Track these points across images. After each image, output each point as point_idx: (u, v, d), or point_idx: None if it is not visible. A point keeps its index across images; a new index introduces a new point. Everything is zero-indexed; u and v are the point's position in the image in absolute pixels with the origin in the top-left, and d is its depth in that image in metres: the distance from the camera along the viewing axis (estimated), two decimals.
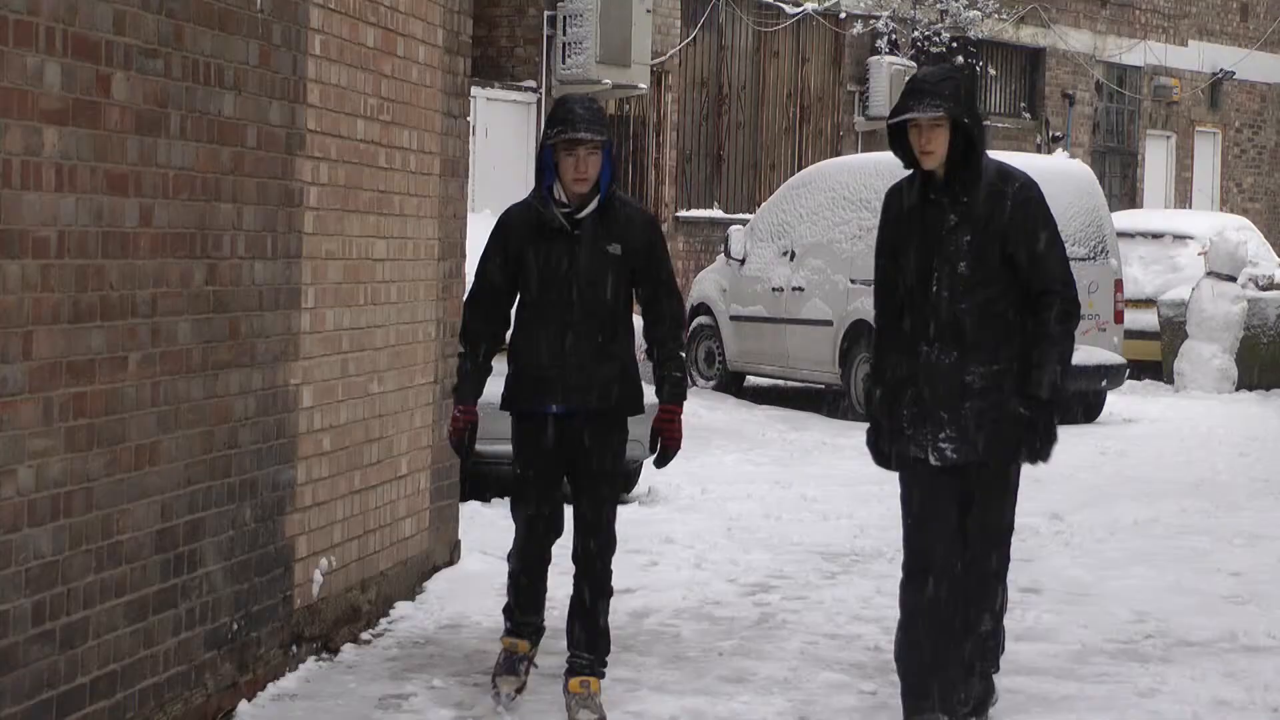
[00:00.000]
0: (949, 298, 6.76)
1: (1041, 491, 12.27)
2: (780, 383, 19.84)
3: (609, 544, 7.29)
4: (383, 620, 8.76)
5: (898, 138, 6.86)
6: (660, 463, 7.35)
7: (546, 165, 7.15)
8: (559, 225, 7.15)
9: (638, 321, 7.34)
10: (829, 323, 17.93)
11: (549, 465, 7.27)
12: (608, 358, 7.19)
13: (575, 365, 7.15)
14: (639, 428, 7.45)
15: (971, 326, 6.74)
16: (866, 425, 7.04)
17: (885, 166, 18.12)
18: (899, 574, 6.99)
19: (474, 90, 15.05)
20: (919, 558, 6.85)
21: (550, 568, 7.45)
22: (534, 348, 7.19)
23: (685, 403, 7.34)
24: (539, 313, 7.19)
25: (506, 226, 7.28)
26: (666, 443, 7.27)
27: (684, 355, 7.35)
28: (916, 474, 6.87)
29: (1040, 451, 6.82)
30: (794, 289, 18.48)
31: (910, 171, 6.90)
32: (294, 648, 7.76)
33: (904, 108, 6.74)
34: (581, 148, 7.08)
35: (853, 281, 17.71)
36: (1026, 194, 6.81)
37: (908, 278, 6.84)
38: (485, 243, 7.38)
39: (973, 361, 6.76)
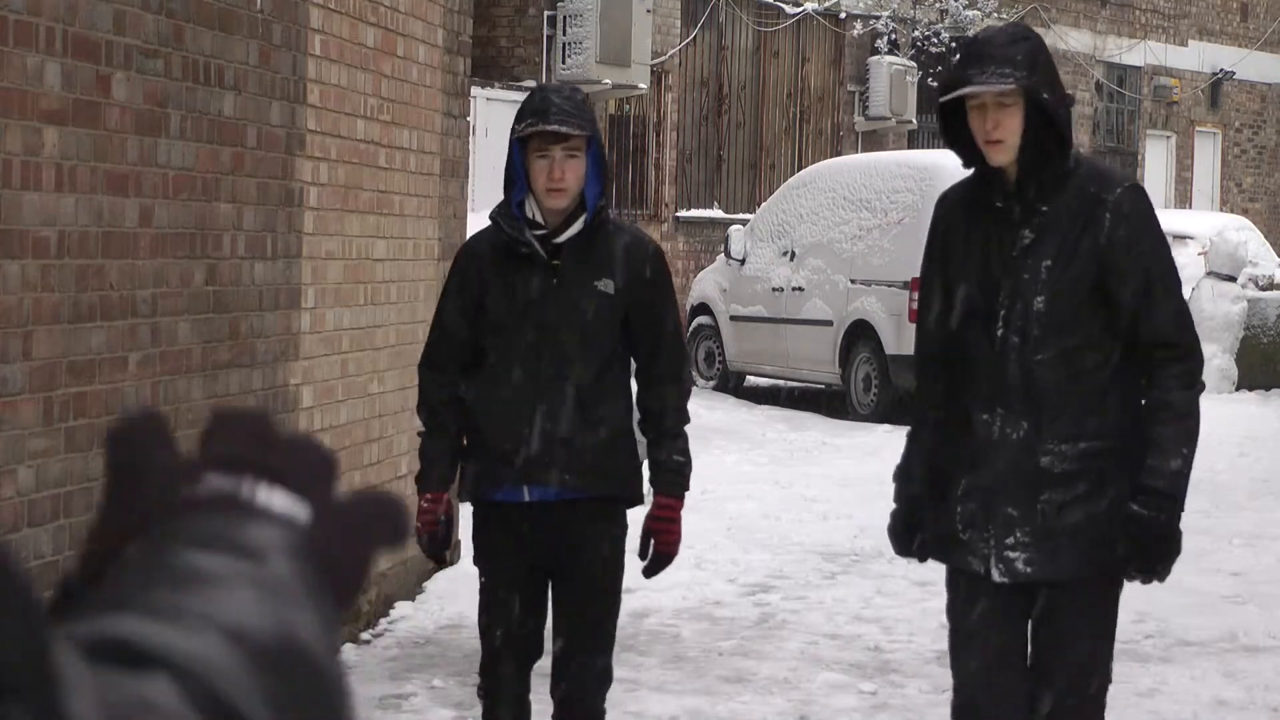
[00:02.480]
0: (1020, 345, 4.85)
1: None
2: (780, 383, 19.85)
3: (604, 679, 5.53)
4: (383, 620, 8.76)
5: (953, 127, 4.93)
6: (650, 571, 5.53)
7: (517, 173, 5.40)
8: (532, 253, 5.40)
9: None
10: (829, 323, 17.93)
11: (523, 570, 5.48)
12: (594, 426, 5.41)
13: (552, 437, 5.38)
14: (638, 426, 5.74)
15: (1051, 387, 4.84)
16: (894, 506, 5.18)
17: (885, 166, 18.17)
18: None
19: (474, 90, 15.06)
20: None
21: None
22: (498, 415, 5.44)
23: (687, 495, 5.57)
24: (506, 368, 5.44)
25: (466, 259, 5.58)
26: (660, 547, 5.47)
27: (688, 433, 5.55)
28: (971, 595, 5.02)
29: (1155, 566, 5.04)
30: (794, 289, 18.48)
31: (971, 171, 5.01)
32: None
33: (962, 78, 4.80)
34: (557, 147, 5.31)
35: (853, 281, 17.72)
36: (1133, 204, 4.88)
37: (960, 317, 4.97)
38: (445, 280, 5.75)
39: (1051, 437, 4.85)
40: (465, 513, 6.15)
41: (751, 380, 19.90)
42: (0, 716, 0.77)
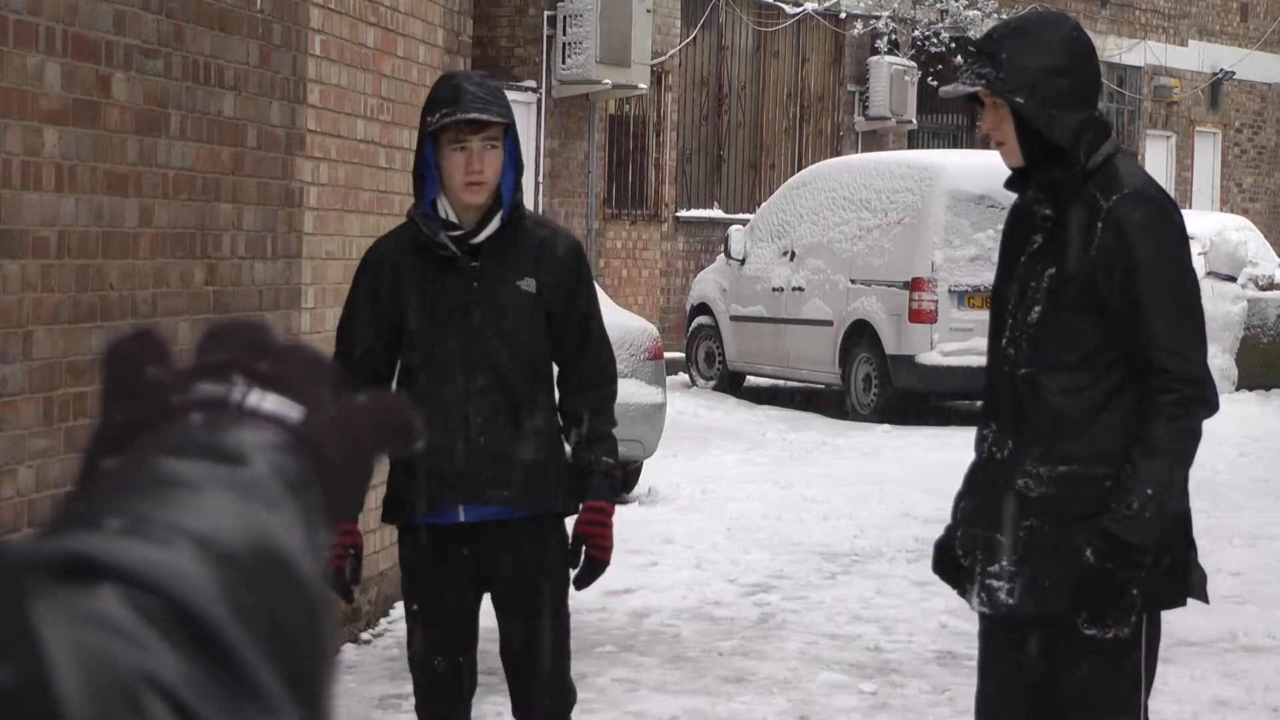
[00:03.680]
0: (1014, 358, 4.47)
1: None
2: (780, 383, 19.85)
3: (570, 696, 5.30)
4: (383, 620, 8.76)
5: None
6: (581, 581, 5.19)
7: (429, 170, 5.08)
8: (449, 254, 5.07)
9: None
10: (829, 323, 17.93)
11: (456, 597, 5.21)
12: (528, 436, 5.09)
13: (483, 450, 5.06)
14: (639, 426, 5.46)
15: (1033, 404, 4.42)
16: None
17: (885, 166, 18.17)
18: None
19: None
20: None
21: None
22: (427, 432, 4.32)
23: (618, 503, 5.29)
24: (428, 379, 5.08)
25: (376, 264, 5.19)
26: (592, 552, 5.14)
27: (615, 434, 5.24)
28: (988, 628, 4.62)
29: (1106, 620, 4.32)
30: (794, 289, 18.49)
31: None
32: None
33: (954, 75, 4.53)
34: (475, 138, 5.00)
35: (853, 281, 17.73)
36: (1128, 213, 4.36)
37: (990, 326, 4.66)
38: (349, 291, 5.34)
39: (1027, 458, 4.42)
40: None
41: (751, 380, 19.91)
42: None
